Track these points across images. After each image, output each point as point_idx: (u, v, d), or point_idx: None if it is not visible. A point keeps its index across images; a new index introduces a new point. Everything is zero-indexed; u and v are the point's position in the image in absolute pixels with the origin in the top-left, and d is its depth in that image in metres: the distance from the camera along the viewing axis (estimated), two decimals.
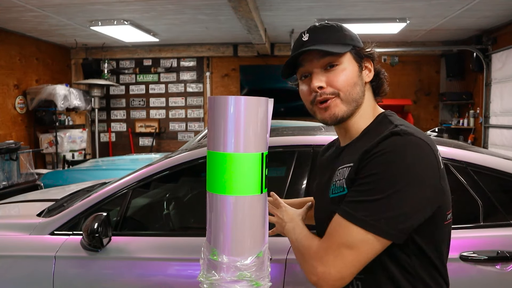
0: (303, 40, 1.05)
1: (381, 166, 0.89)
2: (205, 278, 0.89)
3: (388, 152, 0.90)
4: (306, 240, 1.00)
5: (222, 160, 0.86)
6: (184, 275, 1.83)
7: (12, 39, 6.29)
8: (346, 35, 1.05)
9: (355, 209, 0.90)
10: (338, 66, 1.02)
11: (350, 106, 1.03)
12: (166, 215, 2.36)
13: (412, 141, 0.91)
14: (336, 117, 1.03)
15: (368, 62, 1.07)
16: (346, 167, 0.99)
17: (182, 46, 7.67)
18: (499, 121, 6.16)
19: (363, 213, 0.88)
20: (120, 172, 2.96)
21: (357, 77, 1.04)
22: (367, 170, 0.91)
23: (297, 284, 1.73)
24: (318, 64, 1.02)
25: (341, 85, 1.01)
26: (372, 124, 1.06)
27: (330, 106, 1.02)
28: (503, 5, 4.93)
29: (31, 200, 2.77)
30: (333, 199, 1.00)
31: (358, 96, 1.04)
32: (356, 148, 1.00)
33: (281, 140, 2.02)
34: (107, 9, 5.08)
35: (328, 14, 5.36)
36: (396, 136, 0.92)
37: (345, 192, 0.96)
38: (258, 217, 0.90)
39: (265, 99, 0.91)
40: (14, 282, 1.90)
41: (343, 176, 0.98)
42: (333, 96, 1.02)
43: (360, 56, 1.05)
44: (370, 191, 0.89)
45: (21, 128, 6.56)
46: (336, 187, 1.00)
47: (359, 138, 1.05)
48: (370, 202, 0.88)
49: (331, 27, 1.06)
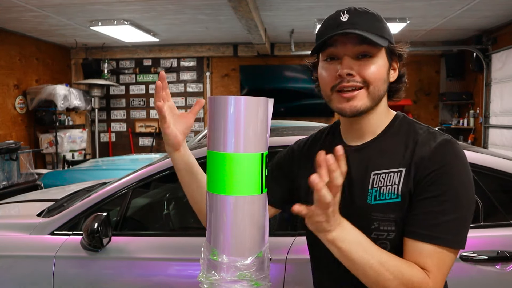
0: (342, 20, 0.95)
1: (455, 180, 0.88)
2: (205, 278, 0.89)
3: (456, 164, 0.89)
4: (400, 268, 0.84)
5: (222, 160, 0.86)
6: (184, 275, 1.83)
7: (12, 39, 6.29)
8: (385, 28, 0.97)
9: (448, 232, 0.86)
10: (372, 58, 0.94)
11: (374, 102, 0.96)
12: (166, 215, 2.36)
13: (461, 149, 0.92)
14: (357, 110, 0.94)
15: (395, 63, 1.01)
16: (393, 172, 0.92)
17: (182, 46, 7.67)
18: (499, 121, 6.16)
19: (456, 235, 0.87)
20: (120, 172, 2.96)
21: (386, 74, 0.97)
22: (442, 186, 0.87)
23: (297, 284, 1.73)
24: (353, 50, 0.93)
25: (373, 77, 0.93)
26: (394, 124, 1.00)
27: (356, 97, 0.93)
28: (503, 5, 4.93)
29: (31, 200, 2.77)
30: (378, 205, 0.92)
31: (383, 94, 0.98)
32: (387, 150, 0.96)
33: (281, 140, 2.01)
34: (107, 9, 5.08)
35: (328, 14, 5.30)
36: (453, 145, 0.91)
37: (398, 199, 0.90)
38: (258, 217, 0.90)
39: (265, 99, 0.91)
40: (14, 282, 1.90)
41: (393, 182, 0.91)
42: (362, 86, 0.93)
43: (393, 54, 0.99)
44: (454, 209, 0.87)
45: (21, 128, 6.56)
46: (382, 193, 0.92)
47: (382, 138, 0.99)
48: (457, 220, 0.87)
49: (373, 14, 0.97)
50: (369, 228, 0.92)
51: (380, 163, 0.95)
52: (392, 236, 0.92)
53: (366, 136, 1.00)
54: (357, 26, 0.92)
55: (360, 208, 0.94)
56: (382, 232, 0.92)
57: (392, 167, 0.93)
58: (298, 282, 1.73)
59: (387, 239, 0.92)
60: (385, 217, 0.91)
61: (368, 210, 0.93)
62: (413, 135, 0.95)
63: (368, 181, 0.95)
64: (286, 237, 1.78)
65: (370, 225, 0.92)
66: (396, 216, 0.91)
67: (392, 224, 0.91)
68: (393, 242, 0.92)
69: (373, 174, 0.94)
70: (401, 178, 0.91)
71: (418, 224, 0.87)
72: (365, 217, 0.93)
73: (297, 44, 7.15)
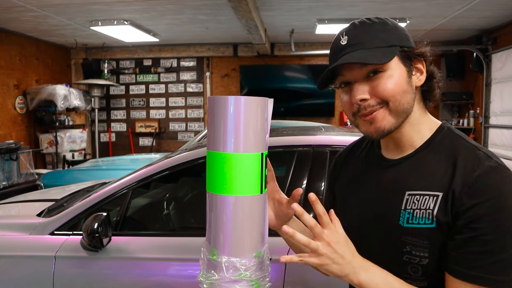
0: (341, 44, 0.89)
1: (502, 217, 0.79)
2: (205, 278, 0.89)
3: (503, 198, 0.79)
4: None
5: (222, 160, 0.86)
6: (184, 275, 1.83)
7: (12, 39, 6.29)
8: (391, 34, 0.88)
9: (494, 272, 0.79)
10: (383, 73, 0.86)
11: (400, 117, 0.89)
12: (166, 215, 2.36)
13: (510, 178, 0.82)
14: (382, 130, 0.89)
15: (419, 63, 0.91)
16: (429, 195, 0.85)
17: (182, 46, 7.67)
18: (499, 121, 6.16)
19: (503, 275, 0.79)
20: (120, 172, 2.96)
21: (406, 83, 0.88)
22: (487, 223, 0.79)
23: (297, 284, 1.73)
24: (360, 73, 0.88)
25: (389, 94, 0.86)
26: (436, 139, 0.91)
27: (377, 118, 0.88)
28: (503, 5, 4.93)
29: (31, 200, 2.77)
30: (410, 229, 0.86)
31: (408, 105, 0.89)
32: (425, 169, 0.89)
33: (281, 140, 2.01)
34: (107, 9, 5.08)
35: (328, 14, 5.36)
36: (500, 174, 0.81)
37: (433, 225, 0.83)
38: (258, 217, 0.90)
39: (265, 99, 0.91)
40: (14, 282, 1.90)
41: (427, 207, 0.85)
42: (380, 106, 0.88)
43: (409, 58, 0.90)
44: (501, 249, 0.79)
45: (21, 128, 6.56)
46: (415, 217, 0.85)
47: (421, 154, 0.91)
48: (505, 260, 0.80)
49: (373, 25, 0.89)
50: (401, 251, 0.87)
51: (415, 182, 0.88)
52: (425, 262, 0.85)
53: (404, 149, 0.94)
54: (358, 46, 0.87)
55: (391, 228, 0.89)
56: (415, 257, 0.86)
57: (428, 189, 0.86)
58: (298, 282, 1.73)
59: (419, 264, 0.86)
60: (419, 242, 0.85)
61: (400, 232, 0.87)
62: (455, 154, 0.86)
63: (401, 201, 0.88)
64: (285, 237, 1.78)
65: (402, 247, 0.87)
66: (430, 243, 0.84)
67: (426, 251, 0.85)
68: (425, 268, 0.86)
69: (408, 194, 0.88)
70: (436, 203, 0.84)
71: (462, 263, 0.81)
72: (396, 238, 0.88)
73: (297, 44, 7.15)
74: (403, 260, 0.87)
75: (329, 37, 6.80)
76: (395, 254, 0.87)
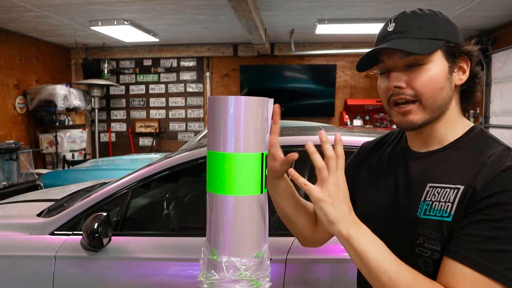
0: (388, 30, 0.89)
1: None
2: (205, 278, 0.89)
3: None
4: (418, 281, 0.78)
5: (222, 160, 0.87)
6: (184, 275, 1.83)
7: (12, 39, 6.29)
8: (439, 27, 0.87)
9: (497, 263, 0.75)
10: (423, 66, 0.86)
11: (433, 113, 0.88)
12: (166, 215, 2.36)
13: None
14: (414, 124, 0.89)
15: (464, 62, 0.90)
16: (450, 188, 0.84)
17: (182, 46, 7.67)
18: (499, 121, 6.16)
19: (507, 269, 0.75)
20: (120, 172, 2.96)
21: (444, 79, 0.87)
22: (500, 211, 0.76)
23: (297, 284, 1.73)
24: (400, 62, 0.88)
25: (424, 88, 0.86)
26: (466, 138, 0.90)
27: (410, 111, 0.88)
28: (503, 5, 4.93)
29: (31, 200, 2.77)
30: (426, 220, 0.85)
31: (443, 102, 0.88)
32: (450, 163, 0.87)
33: (281, 140, 2.01)
34: (107, 9, 5.08)
35: (328, 14, 5.36)
36: None
37: (449, 219, 0.82)
38: (258, 217, 0.90)
39: (265, 99, 0.91)
40: (14, 282, 1.90)
41: (447, 199, 0.83)
42: (414, 100, 0.87)
43: (454, 54, 0.88)
44: (507, 239, 0.75)
45: (21, 128, 6.56)
46: (433, 209, 0.85)
47: (450, 151, 0.90)
48: (509, 253, 0.76)
49: (422, 16, 0.88)
50: (414, 243, 0.86)
51: (438, 175, 0.88)
52: (436, 256, 0.84)
53: (431, 145, 0.93)
54: (404, 34, 0.87)
55: (408, 219, 0.88)
56: (427, 250, 0.85)
57: (451, 182, 0.84)
58: (298, 282, 1.73)
59: (431, 258, 0.85)
60: (432, 234, 0.84)
61: (416, 223, 0.87)
62: (484, 154, 0.84)
63: (422, 192, 0.88)
64: (286, 237, 1.78)
65: (415, 239, 0.86)
66: (443, 236, 0.83)
67: (438, 244, 0.83)
68: (436, 263, 0.84)
69: (429, 186, 0.87)
70: (457, 196, 0.82)
71: (464, 244, 0.78)
72: (412, 229, 0.87)
73: (297, 44, 7.15)
74: (416, 253, 0.87)
75: (329, 37, 6.81)
76: (408, 246, 0.87)
